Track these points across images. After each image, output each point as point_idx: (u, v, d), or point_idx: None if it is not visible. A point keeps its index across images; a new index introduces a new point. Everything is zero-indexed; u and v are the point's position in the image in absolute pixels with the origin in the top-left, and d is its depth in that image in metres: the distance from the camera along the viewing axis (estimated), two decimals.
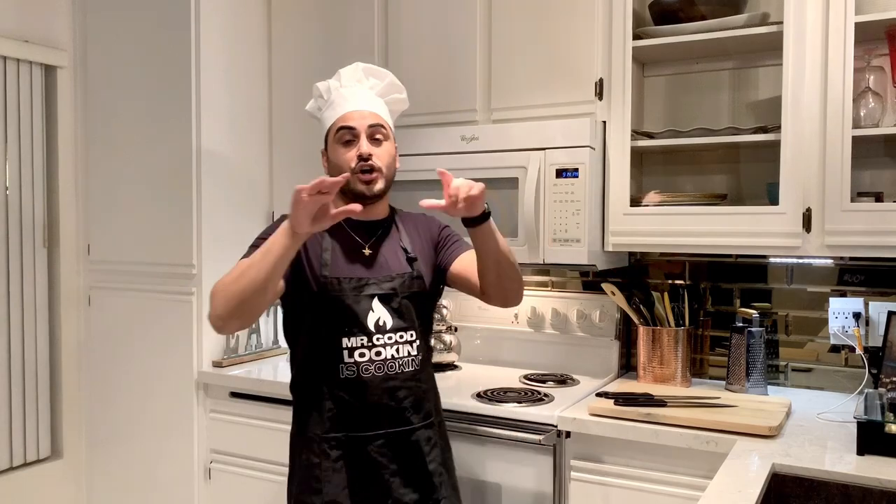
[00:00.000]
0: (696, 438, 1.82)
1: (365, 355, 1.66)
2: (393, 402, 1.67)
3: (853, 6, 1.89)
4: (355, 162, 1.68)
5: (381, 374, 1.67)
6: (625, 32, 2.17)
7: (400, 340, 1.70)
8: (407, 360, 1.70)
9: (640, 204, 2.22)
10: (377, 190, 1.70)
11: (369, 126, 1.70)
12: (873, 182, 2.14)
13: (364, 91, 1.76)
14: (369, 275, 1.70)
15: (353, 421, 1.67)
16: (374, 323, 1.67)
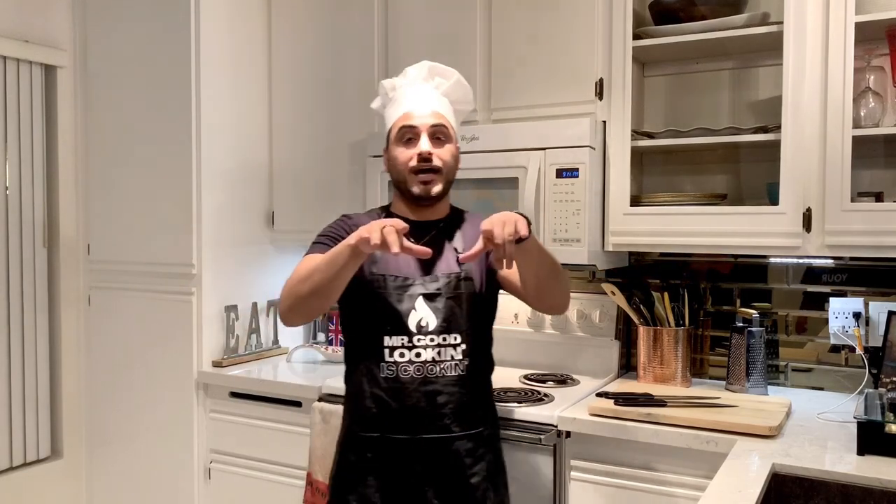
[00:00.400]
0: (696, 438, 1.82)
1: (405, 356, 1.63)
2: (431, 406, 1.62)
3: (853, 6, 1.88)
4: (415, 161, 1.64)
5: (419, 377, 1.63)
6: (625, 32, 2.17)
7: (443, 343, 1.64)
8: (450, 364, 1.65)
9: (640, 203, 2.22)
10: (435, 192, 1.67)
11: (431, 126, 1.66)
12: (873, 182, 2.14)
13: (428, 90, 1.72)
14: (416, 274, 1.67)
15: (391, 422, 1.64)
16: (416, 323, 1.64)
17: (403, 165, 1.65)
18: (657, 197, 2.24)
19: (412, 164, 1.64)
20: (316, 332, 3.05)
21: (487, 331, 1.77)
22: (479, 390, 1.72)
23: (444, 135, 1.67)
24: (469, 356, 1.66)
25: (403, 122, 1.67)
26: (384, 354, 1.64)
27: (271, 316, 2.90)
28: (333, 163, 2.69)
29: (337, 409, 2.23)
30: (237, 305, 2.74)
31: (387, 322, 1.64)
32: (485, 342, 1.76)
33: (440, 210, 1.75)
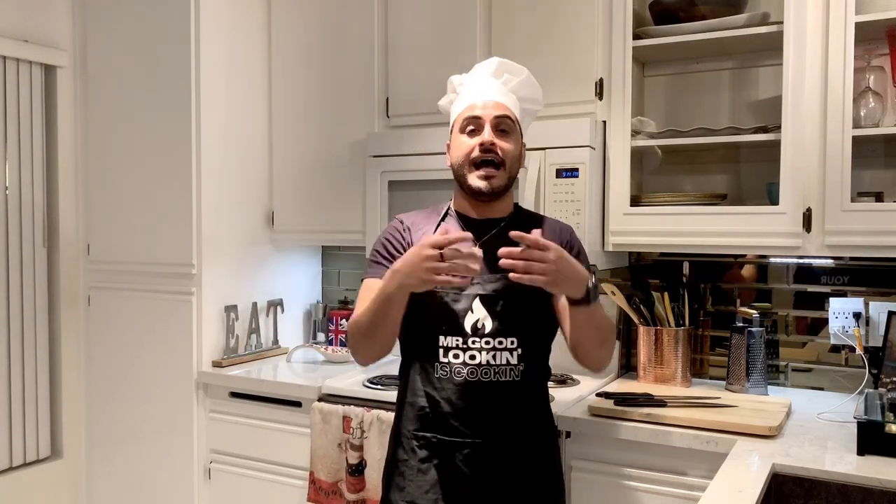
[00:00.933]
0: (696, 438, 1.82)
1: (459, 357, 1.58)
2: (484, 410, 1.58)
3: (853, 6, 1.89)
4: (477, 151, 1.57)
5: (473, 379, 1.57)
6: (625, 32, 2.17)
7: (499, 347, 1.58)
8: (505, 368, 1.58)
9: (640, 203, 2.22)
10: (496, 187, 1.59)
11: (495, 117, 1.59)
12: (873, 182, 2.14)
13: (496, 84, 1.65)
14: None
15: (443, 424, 1.59)
16: (472, 325, 1.58)
17: (465, 156, 1.59)
18: (657, 197, 2.24)
19: (474, 154, 1.57)
20: (316, 333, 3.05)
21: (546, 338, 1.69)
22: (535, 396, 1.65)
23: (509, 127, 1.60)
24: (525, 361, 1.60)
25: (468, 113, 1.60)
26: (439, 354, 1.59)
27: (271, 316, 2.90)
28: (333, 163, 2.69)
29: (336, 408, 2.24)
30: (237, 305, 2.74)
31: (442, 322, 1.59)
32: (543, 348, 1.68)
33: (503, 207, 1.67)
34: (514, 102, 1.65)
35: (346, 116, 2.66)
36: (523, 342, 1.60)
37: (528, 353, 1.60)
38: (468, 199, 1.65)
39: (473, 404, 1.57)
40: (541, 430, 1.67)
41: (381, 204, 2.47)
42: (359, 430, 2.17)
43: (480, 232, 1.61)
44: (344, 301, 3.11)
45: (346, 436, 2.20)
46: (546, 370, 1.71)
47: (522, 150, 1.66)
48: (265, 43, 2.85)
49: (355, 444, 2.17)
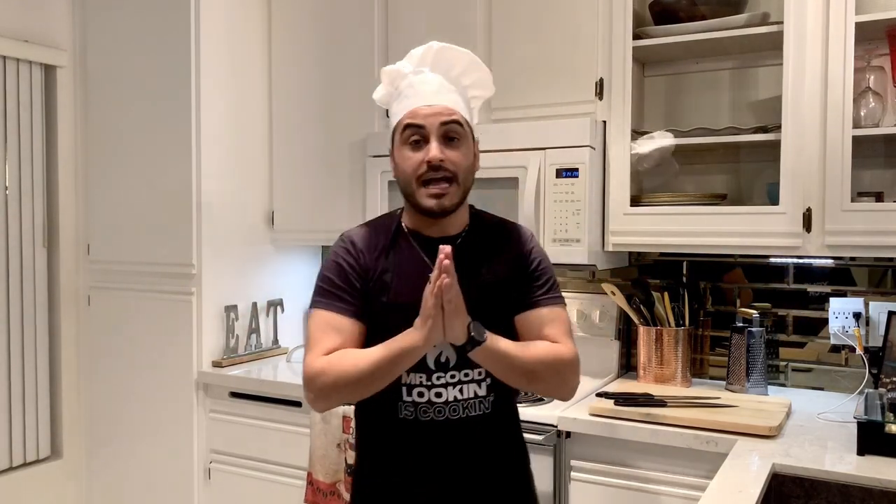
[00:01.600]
0: (696, 438, 1.82)
1: (424, 395, 1.42)
2: (455, 451, 1.44)
3: (853, 6, 1.88)
4: (424, 168, 1.40)
5: (441, 419, 1.43)
6: (625, 32, 2.17)
7: (465, 379, 1.44)
8: (473, 402, 1.44)
9: (640, 203, 2.22)
10: (449, 205, 1.42)
11: (441, 124, 1.40)
12: (873, 182, 2.14)
13: (437, 79, 1.45)
14: None
15: (412, 468, 1.45)
16: (435, 359, 1.42)
17: (411, 173, 1.42)
18: (657, 197, 2.24)
19: (420, 171, 1.40)
20: None
21: None
22: (508, 426, 1.53)
23: (457, 134, 1.42)
24: (494, 390, 1.46)
25: (409, 119, 1.42)
26: (402, 394, 1.43)
27: (271, 316, 2.90)
28: (333, 163, 2.69)
29: (336, 409, 2.24)
30: (237, 305, 2.74)
31: None
32: None
33: (458, 222, 1.49)
34: (461, 97, 1.47)
35: (346, 116, 2.66)
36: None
37: (496, 382, 1.46)
38: (419, 216, 1.47)
39: (444, 446, 1.44)
40: (517, 461, 1.54)
41: (381, 204, 2.47)
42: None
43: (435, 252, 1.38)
44: None
45: (345, 436, 2.20)
46: (515, 395, 1.57)
47: (476, 151, 1.49)
48: (265, 43, 2.85)
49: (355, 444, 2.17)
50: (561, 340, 1.45)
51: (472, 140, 1.48)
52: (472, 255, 1.47)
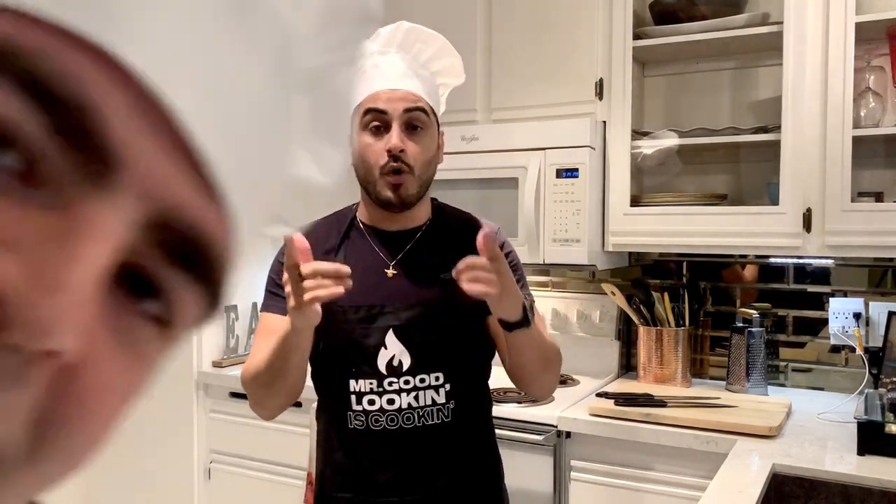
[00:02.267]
0: (696, 438, 1.82)
1: (375, 403, 1.31)
2: (410, 462, 1.33)
3: (853, 6, 1.89)
4: (384, 159, 1.30)
5: (394, 427, 1.31)
6: (625, 32, 2.17)
7: (420, 385, 1.32)
8: (431, 409, 1.32)
9: (640, 203, 2.22)
10: (406, 197, 1.32)
11: (405, 111, 1.31)
12: (873, 182, 2.14)
13: (405, 63, 1.37)
14: (385, 301, 1.33)
15: (365, 482, 1.34)
16: (387, 363, 1.31)
17: (372, 163, 1.31)
18: (657, 197, 2.25)
19: (382, 161, 1.30)
20: None
21: (479, 366, 1.42)
22: (472, 436, 1.40)
23: (421, 122, 1.33)
24: (455, 397, 1.34)
25: (370, 103, 1.31)
26: (351, 402, 1.32)
27: None
28: None
29: None
30: (237, 305, 2.74)
31: (351, 363, 1.32)
32: (477, 379, 1.41)
33: (418, 216, 1.40)
34: (428, 83, 1.38)
35: None
36: (451, 376, 1.34)
37: (458, 388, 1.35)
38: (377, 209, 1.38)
39: (399, 457, 1.33)
40: (483, 473, 1.42)
41: None
42: None
43: (392, 248, 1.37)
44: None
45: None
46: (484, 401, 1.45)
47: (440, 142, 1.40)
48: None
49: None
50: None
51: (437, 130, 1.39)
52: (435, 250, 1.37)
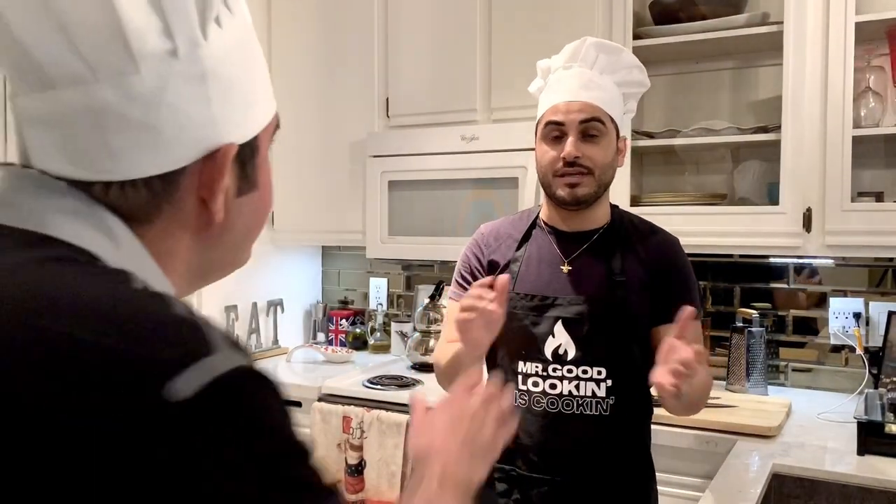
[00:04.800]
0: (696, 438, 1.82)
1: (538, 385, 1.42)
2: (564, 445, 1.41)
3: (853, 6, 1.88)
4: (559, 165, 1.40)
5: (553, 411, 1.41)
6: (625, 32, 2.17)
7: (583, 376, 1.40)
8: (590, 400, 1.40)
9: (640, 203, 2.22)
10: (582, 195, 1.41)
11: (581, 122, 1.39)
12: (873, 182, 2.14)
13: (586, 74, 1.44)
14: (557, 294, 1.43)
15: (522, 457, 1.43)
16: (553, 350, 1.41)
17: (548, 167, 1.43)
18: (657, 197, 2.24)
19: (556, 166, 1.41)
20: (316, 332, 3.05)
21: (643, 368, 1.39)
22: (628, 435, 1.45)
23: (598, 130, 1.40)
24: (615, 394, 1.40)
25: (550, 116, 1.44)
26: (518, 381, 1.43)
27: (271, 316, 2.90)
28: (333, 163, 2.69)
29: (335, 408, 2.24)
30: (237, 305, 2.74)
31: (521, 346, 1.43)
32: (639, 380, 1.41)
33: (597, 217, 1.47)
34: (610, 94, 1.44)
35: (346, 116, 2.66)
36: (613, 373, 1.40)
37: (619, 386, 1.41)
38: (556, 209, 1.49)
39: (554, 438, 1.42)
40: (634, 473, 1.48)
41: (381, 204, 2.48)
42: (358, 431, 2.17)
43: (569, 246, 1.47)
44: (344, 301, 3.11)
45: (345, 436, 2.21)
46: (645, 403, 1.50)
47: (621, 147, 1.47)
48: (265, 42, 2.85)
49: (355, 444, 2.17)
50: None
51: (617, 136, 1.45)
52: (611, 252, 1.45)
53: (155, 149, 0.54)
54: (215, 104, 0.57)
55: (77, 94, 0.52)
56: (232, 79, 0.59)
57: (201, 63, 0.55)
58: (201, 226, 0.59)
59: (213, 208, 0.58)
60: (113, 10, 0.51)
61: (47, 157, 0.54)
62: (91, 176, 0.53)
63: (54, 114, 0.52)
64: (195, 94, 0.55)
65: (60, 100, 0.52)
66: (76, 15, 0.51)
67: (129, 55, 0.52)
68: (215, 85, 0.56)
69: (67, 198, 0.53)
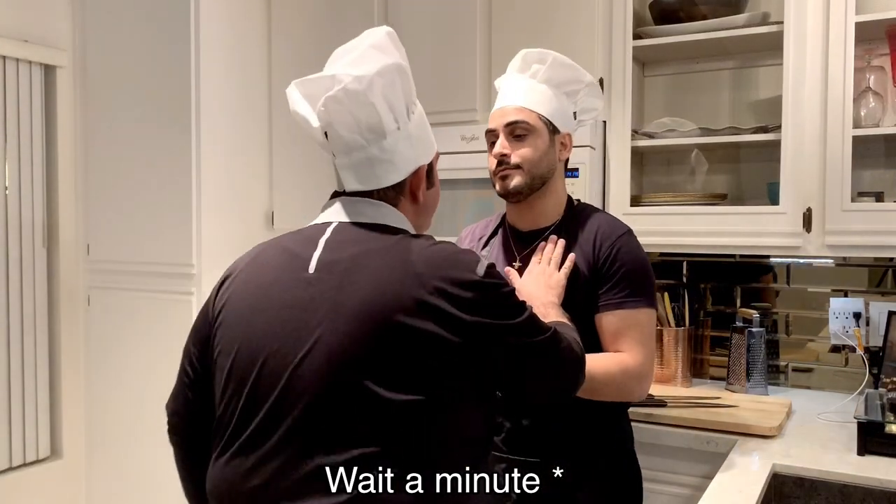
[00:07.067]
0: (696, 438, 1.82)
1: None
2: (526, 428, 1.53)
3: (853, 6, 1.89)
4: (494, 164, 1.55)
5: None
6: (625, 32, 2.17)
7: None
8: None
9: (640, 203, 2.22)
10: (512, 187, 1.52)
11: (506, 124, 1.53)
12: (873, 182, 2.14)
13: (520, 82, 1.57)
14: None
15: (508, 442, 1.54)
16: None
17: (491, 170, 1.57)
18: (657, 197, 2.24)
19: (492, 166, 1.55)
20: None
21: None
22: (581, 417, 1.51)
23: (524, 129, 1.52)
24: None
25: (488, 126, 1.58)
26: None
27: None
28: None
29: None
30: None
31: None
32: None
33: (550, 213, 1.59)
34: (544, 96, 1.55)
35: None
36: None
37: None
38: (510, 208, 1.63)
39: (521, 423, 1.53)
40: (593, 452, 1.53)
41: None
42: None
43: (525, 243, 1.58)
44: None
45: None
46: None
47: (567, 139, 1.59)
48: (265, 42, 2.85)
49: None
50: (626, 349, 1.46)
51: (550, 134, 1.55)
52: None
53: (395, 172, 1.18)
54: (415, 148, 1.20)
55: (361, 153, 1.18)
56: (420, 135, 1.21)
57: (408, 131, 1.18)
58: (415, 203, 1.22)
59: (419, 196, 1.22)
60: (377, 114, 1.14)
61: (349, 183, 1.20)
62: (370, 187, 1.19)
63: (353, 162, 1.19)
64: (407, 145, 1.18)
65: (355, 156, 1.18)
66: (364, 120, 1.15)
67: (382, 132, 1.16)
68: (413, 139, 1.19)
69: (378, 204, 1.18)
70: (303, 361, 1.02)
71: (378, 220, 1.15)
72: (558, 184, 1.60)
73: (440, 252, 1.08)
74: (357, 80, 1.13)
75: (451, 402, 1.04)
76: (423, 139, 1.21)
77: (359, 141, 1.16)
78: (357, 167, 1.18)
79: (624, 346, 1.46)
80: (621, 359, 1.45)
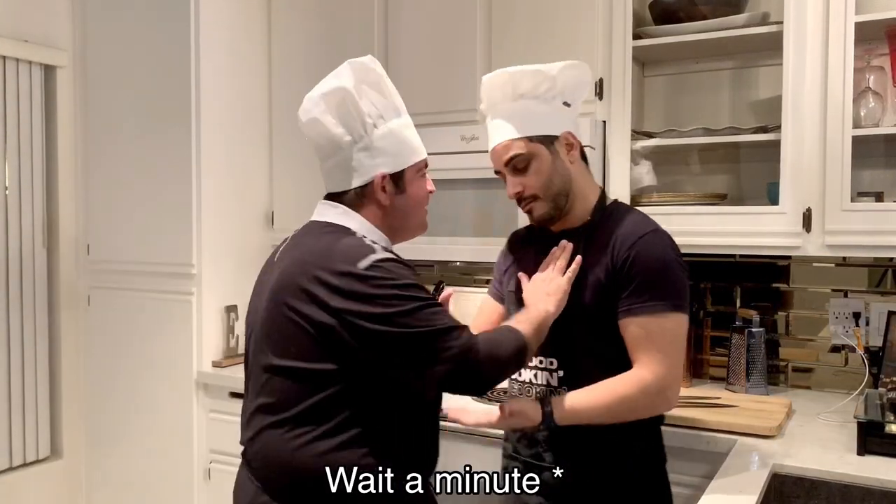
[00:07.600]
0: (697, 438, 1.82)
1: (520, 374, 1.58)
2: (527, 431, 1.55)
3: (853, 6, 1.88)
4: (514, 200, 1.56)
5: (519, 396, 1.58)
6: (625, 32, 2.17)
7: (539, 366, 1.53)
8: (545, 389, 1.52)
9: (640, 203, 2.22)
10: (539, 216, 1.53)
11: (505, 164, 1.52)
12: (873, 182, 2.14)
13: (498, 112, 1.54)
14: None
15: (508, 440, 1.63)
16: None
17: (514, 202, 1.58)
18: (657, 197, 2.24)
19: (514, 201, 1.56)
20: None
21: (599, 363, 1.47)
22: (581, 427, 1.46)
23: (522, 161, 1.50)
24: (567, 385, 1.48)
25: (491, 163, 1.58)
26: None
27: None
28: None
29: None
30: (237, 305, 2.74)
31: None
32: (594, 374, 1.45)
33: (577, 215, 1.54)
34: (522, 111, 1.52)
35: None
36: (564, 365, 1.50)
37: (570, 378, 1.48)
38: None
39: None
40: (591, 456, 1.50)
41: None
42: None
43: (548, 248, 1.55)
44: None
45: None
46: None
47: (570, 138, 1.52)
48: (265, 43, 2.85)
49: None
50: (644, 360, 1.41)
51: (550, 143, 1.51)
52: (578, 250, 1.50)
53: (358, 176, 1.37)
54: (374, 158, 1.37)
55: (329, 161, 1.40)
56: (383, 147, 1.38)
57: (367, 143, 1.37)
58: (381, 207, 1.38)
59: (382, 200, 1.37)
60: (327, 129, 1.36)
61: (330, 185, 1.42)
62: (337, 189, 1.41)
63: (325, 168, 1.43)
64: (365, 155, 1.36)
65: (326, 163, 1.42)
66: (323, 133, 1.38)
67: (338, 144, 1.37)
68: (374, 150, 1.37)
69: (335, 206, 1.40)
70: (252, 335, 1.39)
71: (333, 219, 1.38)
72: (581, 184, 1.54)
73: (334, 246, 1.28)
74: (308, 100, 1.37)
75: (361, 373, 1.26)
76: (388, 150, 1.37)
77: (325, 150, 1.40)
78: (328, 173, 1.43)
79: (643, 357, 1.41)
80: (639, 377, 1.41)
